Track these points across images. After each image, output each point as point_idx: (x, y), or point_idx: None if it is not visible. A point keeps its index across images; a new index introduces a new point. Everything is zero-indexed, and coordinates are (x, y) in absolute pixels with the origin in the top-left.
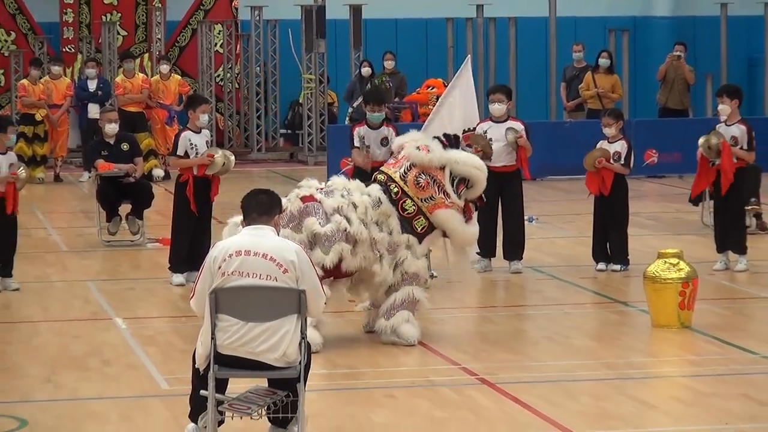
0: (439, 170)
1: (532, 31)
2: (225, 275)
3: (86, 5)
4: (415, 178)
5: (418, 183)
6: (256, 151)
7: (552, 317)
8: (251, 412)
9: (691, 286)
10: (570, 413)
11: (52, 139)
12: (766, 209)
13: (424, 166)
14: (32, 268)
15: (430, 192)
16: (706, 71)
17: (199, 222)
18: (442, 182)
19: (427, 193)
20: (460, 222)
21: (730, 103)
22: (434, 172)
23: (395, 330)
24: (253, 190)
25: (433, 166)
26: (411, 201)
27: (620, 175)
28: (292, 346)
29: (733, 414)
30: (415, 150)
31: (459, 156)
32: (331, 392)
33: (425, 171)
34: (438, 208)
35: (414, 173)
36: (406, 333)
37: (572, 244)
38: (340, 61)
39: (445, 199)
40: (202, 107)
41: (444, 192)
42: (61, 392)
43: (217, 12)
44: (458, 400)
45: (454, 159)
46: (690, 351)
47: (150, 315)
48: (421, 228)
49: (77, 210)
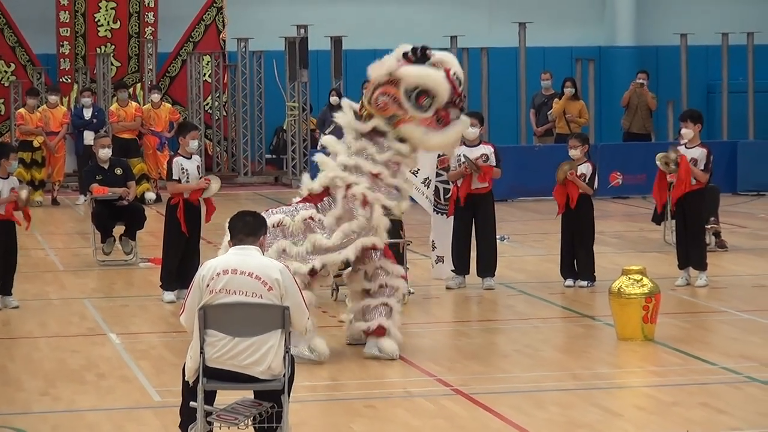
0: (392, 86)
1: (503, 61)
2: (213, 293)
3: (82, 38)
4: (375, 100)
5: (377, 104)
6: (242, 174)
7: (522, 331)
8: (238, 423)
9: (654, 301)
10: (539, 422)
11: (49, 165)
12: (724, 228)
13: (379, 81)
14: (31, 287)
15: (392, 110)
16: (668, 98)
17: (189, 242)
18: (399, 98)
19: (390, 112)
20: (422, 132)
21: (693, 128)
22: (391, 90)
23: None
24: (240, 211)
25: (385, 78)
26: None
27: (586, 195)
28: (276, 359)
29: (693, 422)
30: (372, 66)
31: (410, 70)
32: (314, 403)
33: (384, 92)
34: (401, 123)
35: (375, 95)
36: (388, 348)
37: (541, 262)
38: (322, 90)
39: (404, 114)
40: (191, 134)
41: (403, 108)
42: (59, 404)
43: (205, 44)
44: (434, 409)
45: (405, 74)
46: (653, 362)
47: (142, 330)
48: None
49: (74, 231)
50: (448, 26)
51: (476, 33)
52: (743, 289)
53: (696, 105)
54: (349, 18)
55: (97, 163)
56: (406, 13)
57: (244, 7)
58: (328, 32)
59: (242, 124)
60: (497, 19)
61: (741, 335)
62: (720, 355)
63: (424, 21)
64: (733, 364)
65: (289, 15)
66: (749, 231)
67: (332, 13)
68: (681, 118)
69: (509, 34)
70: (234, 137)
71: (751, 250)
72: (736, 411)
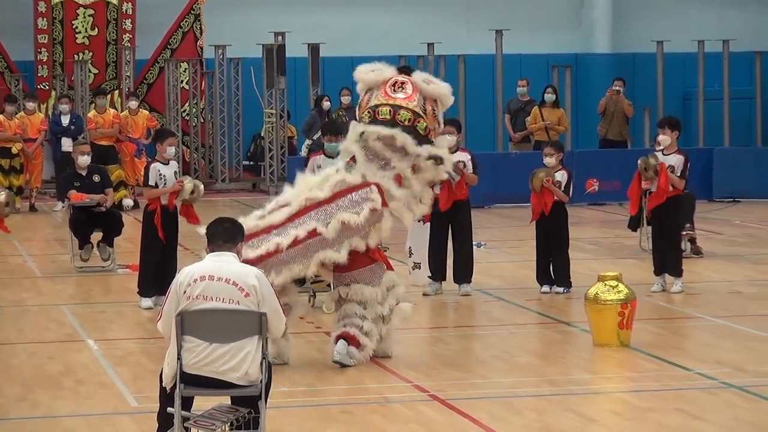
0: (434, 101)
1: (480, 68)
2: (190, 299)
3: (60, 45)
4: (432, 110)
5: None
6: (220, 181)
7: (499, 337)
8: (215, 428)
9: (629, 307)
10: (515, 427)
11: (27, 171)
12: (700, 234)
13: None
14: (8, 293)
15: (434, 123)
16: (644, 105)
17: (166, 249)
18: (437, 114)
19: (433, 123)
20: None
21: (671, 134)
22: (433, 105)
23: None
24: (218, 218)
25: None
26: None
27: (560, 202)
28: (253, 365)
29: (668, 427)
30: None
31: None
32: (291, 409)
33: (432, 105)
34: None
35: (430, 106)
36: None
37: (518, 268)
38: (300, 96)
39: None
40: (169, 140)
41: (438, 121)
42: (37, 410)
43: (183, 51)
44: (410, 415)
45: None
46: (628, 368)
47: (120, 337)
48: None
49: (51, 238)
50: (425, 33)
51: (453, 40)
52: (718, 295)
53: (672, 112)
54: (326, 25)
55: (75, 170)
56: (383, 21)
57: (222, 14)
58: (305, 39)
59: (220, 131)
60: (474, 27)
61: (716, 341)
62: (695, 361)
63: (402, 28)
64: (708, 369)
65: (267, 22)
66: (724, 237)
67: (310, 21)
68: (659, 125)
69: (486, 42)
70: (211, 144)
71: (727, 257)
72: (711, 417)
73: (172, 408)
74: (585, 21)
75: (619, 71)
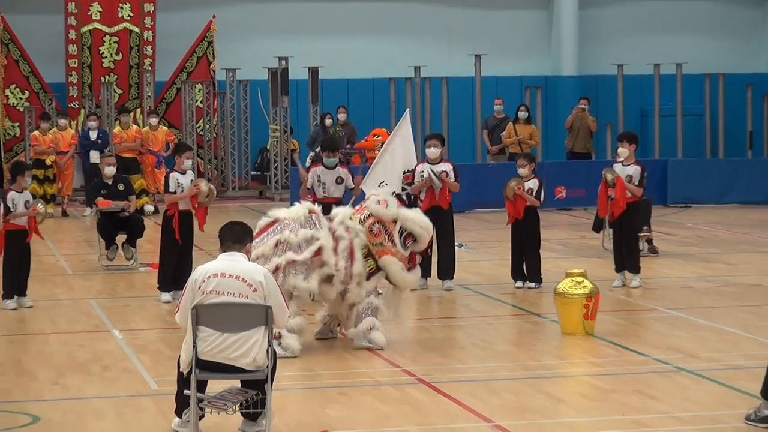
0: (392, 222)
1: (461, 89)
2: (204, 294)
3: (88, 68)
4: (371, 226)
5: (372, 230)
6: (231, 189)
7: (478, 327)
8: (227, 408)
9: (593, 300)
10: (492, 407)
11: (59, 180)
12: (656, 236)
13: (380, 218)
14: (43, 288)
15: (381, 239)
16: (606, 121)
17: (183, 249)
18: (392, 233)
19: (378, 239)
20: (401, 269)
21: (629, 147)
22: (387, 224)
23: (367, 336)
24: (229, 222)
25: (388, 219)
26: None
27: (532, 207)
28: (261, 352)
29: (628, 407)
30: (375, 204)
31: (409, 215)
32: (294, 391)
33: (380, 221)
34: (385, 253)
35: (370, 221)
36: (377, 339)
37: (494, 266)
38: (301, 114)
39: (392, 247)
40: (186, 153)
41: (392, 241)
42: (68, 393)
43: (198, 73)
44: (400, 396)
45: (404, 216)
46: (593, 354)
47: (142, 327)
48: (369, 267)
49: (81, 240)
50: (412, 58)
51: (437, 64)
52: (672, 290)
53: (631, 127)
54: (324, 51)
55: (102, 179)
56: (375, 47)
57: (232, 41)
58: (306, 63)
59: (230, 145)
60: (456, 52)
61: (670, 330)
62: (652, 348)
63: (391, 53)
64: (663, 355)
65: (272, 48)
66: (678, 239)
67: (310, 47)
68: (618, 139)
69: (466, 65)
70: (223, 156)
71: (680, 256)
72: (665, 397)
73: (188, 390)
74: (554, 47)
75: (584, 91)
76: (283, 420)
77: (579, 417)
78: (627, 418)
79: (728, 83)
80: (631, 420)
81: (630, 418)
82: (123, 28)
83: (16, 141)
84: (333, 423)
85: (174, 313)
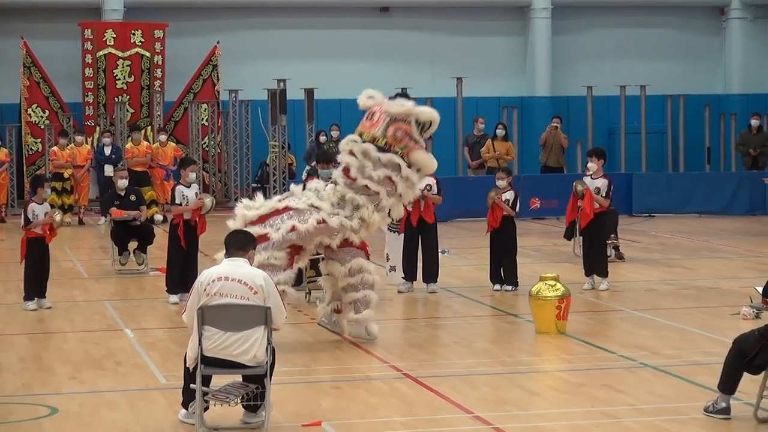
0: (406, 123)
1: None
2: (209, 296)
3: (103, 89)
4: (394, 133)
5: (396, 136)
6: (233, 200)
7: (459, 326)
8: (230, 401)
9: (565, 302)
10: (472, 399)
11: (76, 192)
12: (622, 243)
13: (396, 116)
14: (61, 291)
15: (405, 142)
16: (577, 138)
17: (188, 255)
18: (411, 133)
19: (403, 143)
20: (427, 155)
21: (597, 162)
22: (404, 126)
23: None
24: (234, 230)
25: (403, 117)
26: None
27: (510, 216)
28: (261, 350)
29: (597, 399)
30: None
31: (419, 108)
32: (291, 385)
33: (400, 128)
34: (411, 151)
35: (392, 129)
36: (373, 331)
37: (475, 270)
38: (298, 131)
39: (414, 145)
40: (191, 167)
41: (414, 140)
42: (84, 386)
43: (203, 94)
44: (388, 390)
45: (418, 112)
46: (565, 351)
47: (152, 326)
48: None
49: (96, 246)
50: (398, 80)
51: (421, 85)
52: (637, 292)
53: (599, 144)
54: (319, 73)
55: (115, 191)
56: (364, 70)
57: (235, 65)
58: (302, 85)
59: (233, 159)
60: (439, 74)
61: (635, 329)
62: (618, 346)
63: (379, 75)
64: (629, 352)
65: (271, 71)
66: (642, 245)
67: (306, 70)
68: (588, 154)
69: (449, 86)
70: (226, 170)
71: (644, 261)
72: (631, 390)
73: (194, 384)
74: (529, 70)
75: (557, 111)
76: (281, 411)
77: (552, 408)
78: (596, 410)
79: (688, 103)
80: (599, 411)
81: (599, 410)
82: (135, 52)
83: (37, 156)
84: (327, 414)
85: (181, 313)
